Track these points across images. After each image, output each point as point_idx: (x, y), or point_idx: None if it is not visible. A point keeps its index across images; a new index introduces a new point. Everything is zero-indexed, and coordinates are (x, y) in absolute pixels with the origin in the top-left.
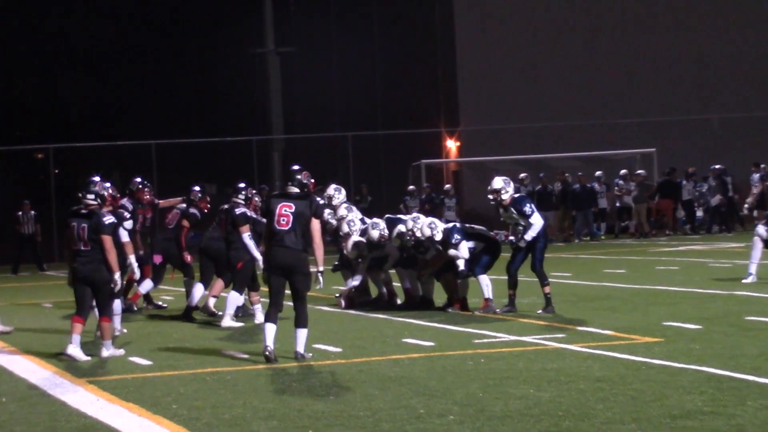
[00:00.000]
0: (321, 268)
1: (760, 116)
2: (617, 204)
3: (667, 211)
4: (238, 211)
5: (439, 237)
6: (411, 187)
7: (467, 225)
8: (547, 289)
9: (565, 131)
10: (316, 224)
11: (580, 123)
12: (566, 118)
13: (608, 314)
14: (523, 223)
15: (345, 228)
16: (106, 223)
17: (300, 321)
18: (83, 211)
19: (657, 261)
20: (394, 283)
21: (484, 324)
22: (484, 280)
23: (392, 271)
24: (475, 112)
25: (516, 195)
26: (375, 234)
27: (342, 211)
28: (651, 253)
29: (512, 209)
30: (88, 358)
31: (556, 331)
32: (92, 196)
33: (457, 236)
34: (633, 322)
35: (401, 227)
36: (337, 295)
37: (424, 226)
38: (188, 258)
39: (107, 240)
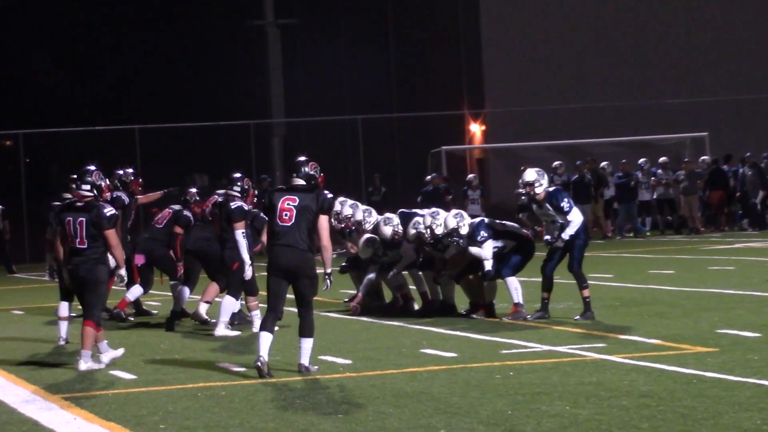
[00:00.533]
0: (329, 270)
1: None
2: (654, 195)
3: (718, 204)
4: (233, 204)
5: (465, 231)
6: (429, 177)
7: (497, 221)
8: (585, 293)
9: (605, 113)
10: (323, 221)
11: (622, 104)
12: (606, 98)
13: (655, 321)
14: (560, 220)
15: (359, 216)
16: (108, 215)
17: (305, 330)
18: (78, 203)
19: (710, 260)
20: (410, 287)
21: (513, 332)
22: (513, 282)
23: (406, 273)
24: (503, 92)
25: (551, 188)
26: (387, 231)
27: (347, 210)
28: (703, 251)
29: (547, 205)
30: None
31: (596, 339)
32: (88, 187)
33: (483, 233)
34: (683, 330)
35: (418, 224)
36: (347, 299)
37: (449, 217)
38: (181, 271)
39: (112, 235)
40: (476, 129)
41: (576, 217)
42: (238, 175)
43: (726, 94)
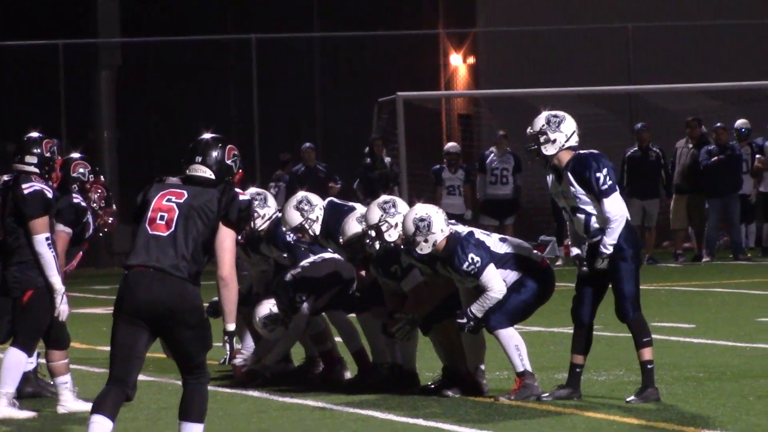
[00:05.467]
0: (231, 327)
1: None
2: (760, 188)
3: None
4: (27, 188)
5: (428, 245)
6: (305, 147)
7: (493, 235)
8: (647, 354)
9: (686, 41)
10: (227, 237)
11: (716, 23)
12: (689, 15)
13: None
14: (588, 210)
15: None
16: None
17: (191, 410)
18: None
19: None
20: (335, 339)
21: (517, 423)
22: (511, 338)
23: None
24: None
25: (582, 151)
26: (294, 217)
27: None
28: None
29: (570, 176)
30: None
31: None
32: None
33: (472, 256)
34: None
35: (355, 221)
36: (222, 359)
37: (411, 219)
38: None
39: None
40: (459, 62)
41: (615, 208)
42: (35, 135)
43: None
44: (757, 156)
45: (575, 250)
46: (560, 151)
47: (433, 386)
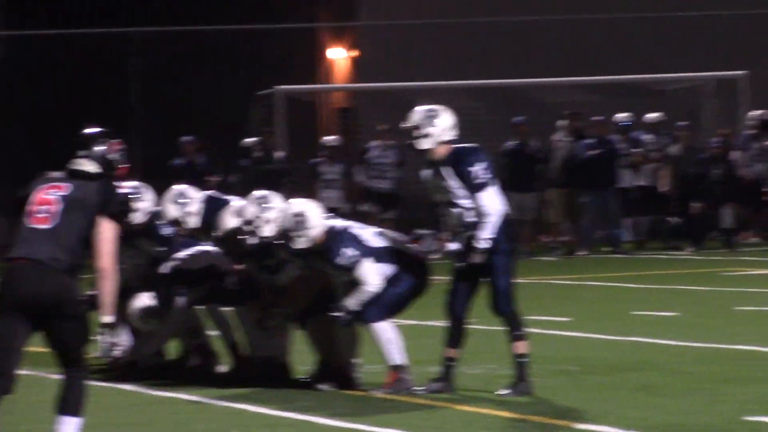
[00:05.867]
0: (107, 318)
1: None
2: (638, 182)
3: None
4: None
5: (304, 240)
6: (250, 140)
7: (370, 229)
8: (520, 348)
9: (564, 35)
10: (107, 229)
11: (595, 17)
12: (568, 8)
13: (640, 399)
14: (464, 205)
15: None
16: None
17: (69, 403)
18: None
19: (737, 294)
20: (210, 332)
21: (389, 417)
22: (386, 331)
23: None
24: None
25: (460, 145)
26: (171, 210)
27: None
28: (725, 278)
29: (446, 170)
30: None
31: None
32: None
33: (348, 250)
34: (690, 416)
35: (231, 214)
36: (98, 353)
37: (291, 216)
38: None
39: None
40: (340, 55)
41: (490, 202)
42: None
43: None
44: (633, 150)
45: (451, 245)
46: (436, 146)
47: (307, 380)
